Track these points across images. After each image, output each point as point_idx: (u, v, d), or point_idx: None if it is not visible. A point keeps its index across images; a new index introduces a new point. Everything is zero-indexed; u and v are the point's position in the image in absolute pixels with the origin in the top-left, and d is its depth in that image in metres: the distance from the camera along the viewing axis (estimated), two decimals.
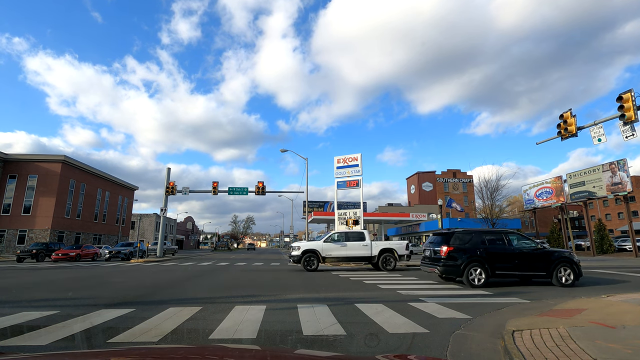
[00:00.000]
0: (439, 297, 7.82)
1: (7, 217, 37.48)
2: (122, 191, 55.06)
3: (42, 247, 28.29)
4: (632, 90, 11.28)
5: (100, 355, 1.57)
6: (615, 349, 3.40)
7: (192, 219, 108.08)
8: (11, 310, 6.18)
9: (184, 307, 6.39)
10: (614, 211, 66.91)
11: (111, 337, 4.44)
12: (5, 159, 38.40)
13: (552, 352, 3.37)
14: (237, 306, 6.52)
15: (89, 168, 45.75)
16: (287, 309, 6.44)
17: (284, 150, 31.31)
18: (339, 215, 30.73)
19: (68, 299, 7.83)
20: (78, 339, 4.42)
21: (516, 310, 6.21)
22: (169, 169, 32.10)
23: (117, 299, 7.62)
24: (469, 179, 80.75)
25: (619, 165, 32.70)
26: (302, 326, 4.96)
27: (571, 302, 6.83)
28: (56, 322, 5.20)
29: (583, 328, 4.31)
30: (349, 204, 41.62)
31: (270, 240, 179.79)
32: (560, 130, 14.10)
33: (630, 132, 11.28)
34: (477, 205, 32.96)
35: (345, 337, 4.43)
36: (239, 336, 4.48)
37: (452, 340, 4.31)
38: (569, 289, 9.46)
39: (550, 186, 40.62)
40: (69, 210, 41.04)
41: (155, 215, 71.08)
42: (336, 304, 6.95)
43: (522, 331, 4.21)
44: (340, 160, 30.37)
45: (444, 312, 6.11)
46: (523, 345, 3.62)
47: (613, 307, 5.98)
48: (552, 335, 3.96)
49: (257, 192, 32.65)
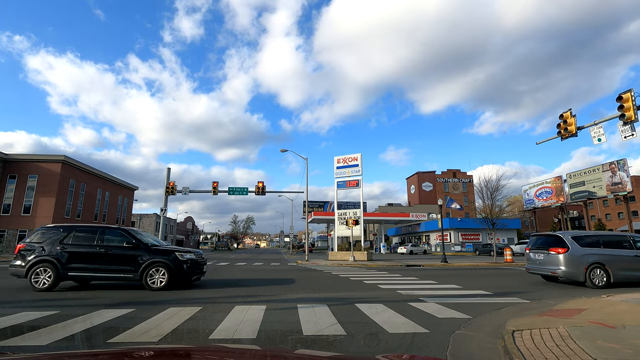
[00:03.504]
0: (439, 297, 7.82)
1: (7, 217, 37.47)
2: (122, 191, 55.06)
3: None
4: (632, 90, 11.28)
5: (101, 355, 1.56)
6: (616, 349, 3.40)
7: (192, 219, 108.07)
8: (11, 310, 6.18)
9: (184, 307, 6.39)
10: (614, 211, 66.90)
11: (111, 337, 4.44)
12: (5, 159, 38.40)
13: (552, 352, 3.37)
14: (237, 306, 6.52)
15: (89, 168, 45.76)
16: (287, 309, 6.44)
17: (284, 150, 31.31)
18: (339, 215, 30.75)
19: (68, 299, 7.82)
20: (78, 339, 4.41)
21: (516, 310, 6.22)
22: (168, 169, 32.12)
23: (117, 299, 7.61)
24: (468, 179, 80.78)
25: (619, 165, 32.70)
26: (302, 326, 4.96)
27: (571, 302, 6.84)
28: (56, 322, 5.19)
29: (583, 328, 4.31)
30: (349, 204, 41.63)
31: (270, 240, 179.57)
32: (560, 130, 14.10)
33: (630, 132, 11.28)
34: (477, 205, 32.96)
35: (346, 337, 4.43)
36: (238, 336, 4.48)
37: (452, 340, 4.31)
38: (569, 289, 9.46)
39: (550, 186, 40.63)
40: (69, 211, 41.03)
41: (156, 215, 71.10)
42: (336, 304, 6.95)
43: (522, 331, 4.21)
44: (340, 160, 30.39)
45: (444, 312, 6.11)
46: (523, 345, 3.62)
47: (613, 307, 5.98)
48: (552, 335, 3.96)
49: (257, 192, 32.64)
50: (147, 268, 8.86)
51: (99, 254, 9.02)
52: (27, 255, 9.02)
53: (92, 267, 8.96)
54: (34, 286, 8.73)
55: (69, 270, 8.86)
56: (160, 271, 8.89)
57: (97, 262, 8.97)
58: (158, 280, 8.84)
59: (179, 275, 9.01)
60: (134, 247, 9.14)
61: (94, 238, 9.29)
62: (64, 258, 8.89)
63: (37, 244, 9.19)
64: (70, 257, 8.93)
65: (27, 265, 8.83)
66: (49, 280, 8.72)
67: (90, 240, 9.25)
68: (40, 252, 8.99)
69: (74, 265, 8.91)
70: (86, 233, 9.42)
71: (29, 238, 9.58)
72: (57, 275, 8.75)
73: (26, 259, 8.94)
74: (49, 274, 8.75)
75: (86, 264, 8.97)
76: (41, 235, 9.40)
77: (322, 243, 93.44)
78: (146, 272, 8.83)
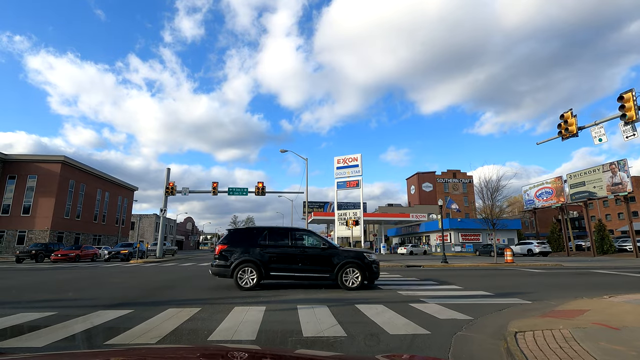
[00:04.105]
0: (440, 298, 7.78)
1: (7, 218, 37.44)
2: (121, 192, 55.04)
3: (42, 247, 28.24)
4: (632, 90, 11.26)
5: (101, 355, 1.56)
6: (620, 351, 3.36)
7: (192, 219, 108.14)
8: (10, 311, 6.14)
9: (183, 308, 6.35)
10: (614, 211, 66.90)
11: (110, 338, 4.40)
12: (5, 160, 38.37)
13: (556, 354, 3.33)
14: (237, 307, 6.48)
15: (89, 168, 45.74)
16: (287, 309, 6.40)
17: (283, 150, 31.32)
18: (339, 216, 30.73)
19: (67, 299, 7.79)
20: (77, 340, 4.38)
21: (518, 311, 6.18)
22: (168, 170, 32.10)
23: (116, 299, 7.58)
24: (468, 180, 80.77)
25: (619, 166, 32.68)
26: (302, 327, 4.92)
27: (573, 302, 6.79)
28: (55, 323, 5.16)
29: (586, 329, 4.27)
30: (349, 204, 41.63)
31: None
32: (560, 130, 14.07)
33: (631, 132, 11.25)
34: (477, 206, 32.91)
35: (346, 338, 4.39)
36: (238, 337, 4.44)
37: (453, 341, 4.27)
38: (570, 289, 9.43)
39: (551, 186, 40.61)
40: (69, 211, 41.01)
41: (155, 216, 71.06)
42: (336, 304, 6.91)
43: (524, 333, 4.17)
44: (340, 160, 30.37)
45: (445, 313, 6.07)
46: (526, 347, 3.58)
47: (615, 307, 5.95)
48: (555, 336, 3.92)
49: (257, 193, 32.62)
50: (342, 269, 9.18)
51: (296, 255, 9.36)
52: (229, 256, 9.30)
53: (290, 267, 9.31)
54: (239, 285, 9.03)
55: (270, 270, 9.19)
56: (354, 272, 9.20)
57: (295, 262, 9.32)
58: (351, 280, 9.17)
59: (370, 275, 9.33)
60: (328, 248, 9.53)
61: (287, 239, 9.62)
62: (265, 259, 9.22)
63: (236, 245, 9.45)
64: (270, 258, 9.27)
65: (231, 265, 9.13)
66: (253, 281, 9.05)
67: (285, 242, 9.59)
68: (242, 253, 9.26)
69: (274, 266, 9.25)
70: (279, 235, 9.80)
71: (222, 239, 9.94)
72: (259, 275, 9.06)
73: (229, 260, 9.23)
74: (252, 274, 9.07)
75: (285, 264, 9.32)
76: (236, 236, 9.79)
77: None
78: (341, 273, 9.16)
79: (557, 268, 18.23)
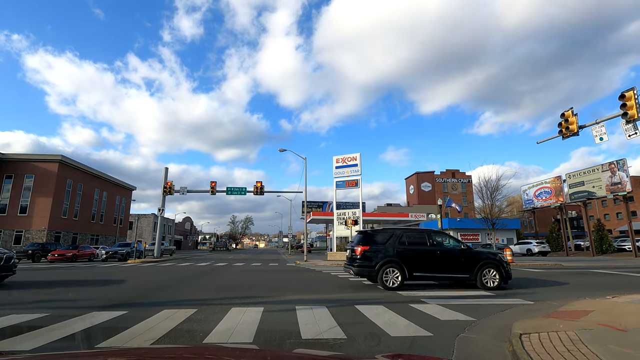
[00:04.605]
0: (440, 298, 7.67)
1: (3, 218, 37.15)
2: (119, 191, 54.75)
3: (39, 247, 28.02)
4: (634, 88, 11.16)
5: (99, 356, 1.54)
6: (630, 354, 3.24)
7: (191, 219, 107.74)
8: (1, 312, 5.99)
9: (179, 309, 6.21)
10: (612, 211, 66.92)
11: (103, 340, 4.27)
12: (2, 159, 38.08)
13: (564, 357, 3.21)
14: (234, 308, 6.35)
15: (87, 168, 45.46)
16: (285, 310, 6.28)
17: (282, 149, 31.09)
18: (338, 216, 30.57)
19: (61, 300, 7.64)
20: (70, 342, 4.25)
21: (520, 312, 6.06)
22: (166, 169, 31.89)
23: (112, 300, 7.44)
24: (467, 179, 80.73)
25: (618, 165, 32.64)
26: (300, 329, 4.80)
27: (576, 303, 6.69)
28: (47, 324, 5.02)
29: (592, 331, 4.15)
30: (348, 204, 41.45)
31: (269, 241, 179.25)
32: (561, 129, 13.97)
33: (633, 131, 11.15)
34: (476, 205, 32.83)
35: (346, 340, 4.27)
36: (235, 339, 4.31)
37: (457, 343, 4.16)
38: (571, 289, 9.32)
39: (550, 186, 40.57)
40: (66, 211, 40.73)
41: (153, 216, 70.75)
42: (335, 305, 6.78)
43: (529, 334, 4.05)
44: (339, 160, 30.18)
45: (446, 313, 5.95)
46: (532, 350, 3.46)
47: (619, 308, 5.84)
48: (562, 338, 3.80)
49: (256, 192, 32.46)
50: (481, 269, 9.23)
51: (436, 257, 9.35)
52: (373, 257, 9.28)
53: (431, 268, 9.31)
54: (385, 285, 9.04)
55: (413, 271, 9.18)
56: (491, 272, 9.24)
57: (435, 264, 9.32)
58: (490, 280, 9.21)
59: (506, 275, 9.33)
60: (465, 250, 9.57)
61: (424, 241, 9.61)
62: (407, 260, 9.21)
63: (377, 246, 9.43)
64: (411, 259, 9.25)
65: (376, 266, 9.14)
66: (397, 280, 9.07)
67: (423, 243, 9.56)
68: (385, 253, 9.24)
69: (416, 267, 9.24)
70: (417, 236, 9.81)
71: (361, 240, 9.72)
72: (403, 275, 9.09)
73: (374, 261, 9.21)
74: (396, 275, 9.10)
75: (426, 265, 9.30)
76: (375, 238, 9.68)
77: (321, 243, 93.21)
78: (480, 273, 9.20)
79: (557, 268, 18.15)
